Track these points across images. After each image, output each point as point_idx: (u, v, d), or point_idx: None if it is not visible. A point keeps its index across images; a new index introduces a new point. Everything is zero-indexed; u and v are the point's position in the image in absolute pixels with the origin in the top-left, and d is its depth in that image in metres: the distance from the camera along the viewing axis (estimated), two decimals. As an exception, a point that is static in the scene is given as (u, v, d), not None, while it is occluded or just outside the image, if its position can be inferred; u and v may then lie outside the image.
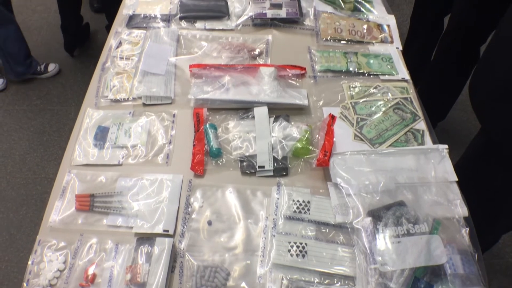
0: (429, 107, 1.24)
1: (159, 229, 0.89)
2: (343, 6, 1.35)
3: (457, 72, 1.92)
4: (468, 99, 1.24)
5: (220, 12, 1.31)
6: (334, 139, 1.01)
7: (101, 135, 1.06)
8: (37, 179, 2.18)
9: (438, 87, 2.01)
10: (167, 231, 0.90)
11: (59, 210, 0.95)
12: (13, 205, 2.07)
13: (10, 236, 1.97)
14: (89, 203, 0.94)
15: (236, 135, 1.03)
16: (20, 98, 2.55)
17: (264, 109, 1.05)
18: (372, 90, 1.15)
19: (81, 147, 1.05)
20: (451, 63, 1.91)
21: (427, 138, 1.07)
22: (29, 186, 2.15)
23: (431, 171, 0.99)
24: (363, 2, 1.38)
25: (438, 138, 1.08)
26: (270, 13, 1.28)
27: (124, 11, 1.35)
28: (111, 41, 1.27)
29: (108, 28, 2.65)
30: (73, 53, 2.73)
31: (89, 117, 1.10)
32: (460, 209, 0.93)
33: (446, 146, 1.03)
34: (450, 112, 2.18)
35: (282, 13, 1.28)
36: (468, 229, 0.90)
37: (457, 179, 0.98)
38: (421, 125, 1.09)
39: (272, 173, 0.98)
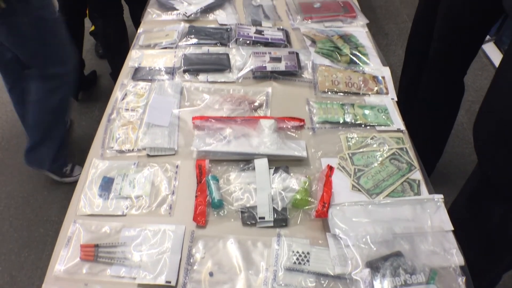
0: (423, 148, 1.27)
1: (161, 280, 0.91)
2: (339, 59, 1.41)
3: (444, 106, 1.93)
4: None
5: (222, 65, 1.37)
6: (332, 190, 1.04)
7: (106, 185, 1.10)
8: (40, 221, 2.19)
9: (430, 125, 2.03)
10: (169, 282, 0.91)
11: (64, 259, 0.96)
12: (15, 246, 2.08)
13: (11, 278, 1.97)
14: (93, 253, 0.96)
15: (237, 186, 1.06)
16: (25, 140, 2.59)
17: (264, 161, 1.09)
18: (369, 141, 1.19)
19: (87, 198, 1.08)
20: (436, 97, 1.92)
21: (423, 187, 1.10)
22: (31, 228, 2.16)
23: (427, 221, 1.02)
24: (359, 54, 1.44)
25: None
26: (270, 66, 1.34)
27: (130, 63, 1.41)
28: (117, 93, 1.33)
29: (112, 75, 2.73)
30: (78, 97, 2.80)
31: (95, 168, 1.14)
32: (456, 258, 0.95)
33: (441, 196, 1.06)
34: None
35: (282, 66, 1.34)
36: (464, 278, 0.92)
37: (452, 228, 1.00)
38: (417, 175, 1.12)
39: (272, 224, 1.00)
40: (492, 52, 3.22)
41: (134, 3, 2.84)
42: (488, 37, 3.32)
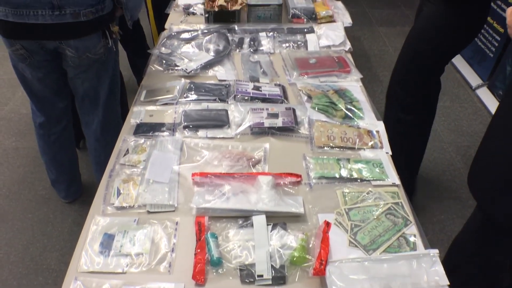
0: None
1: None
2: (335, 114, 1.46)
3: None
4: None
5: (221, 121, 1.41)
6: (330, 246, 1.06)
7: (107, 242, 1.11)
8: (39, 269, 2.18)
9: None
10: None
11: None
12: (14, 295, 2.07)
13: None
14: (93, 314, 0.97)
15: (236, 243, 1.08)
16: (26, 188, 2.62)
17: (262, 218, 1.11)
18: (365, 196, 1.22)
19: (87, 254, 1.09)
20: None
21: (419, 242, 1.12)
22: (30, 276, 2.15)
23: (424, 276, 1.03)
24: (353, 109, 1.49)
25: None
26: (267, 123, 1.38)
27: (132, 120, 1.46)
28: (119, 149, 1.36)
29: None
30: (79, 145, 2.84)
31: (96, 224, 1.16)
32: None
33: (436, 250, 1.08)
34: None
35: (279, 122, 1.39)
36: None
37: (448, 283, 1.02)
38: (413, 229, 1.14)
39: (270, 282, 1.02)
40: (486, 97, 3.30)
41: (131, 50, 2.95)
42: (481, 82, 3.41)
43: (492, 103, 3.23)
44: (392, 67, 2.18)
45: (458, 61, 3.83)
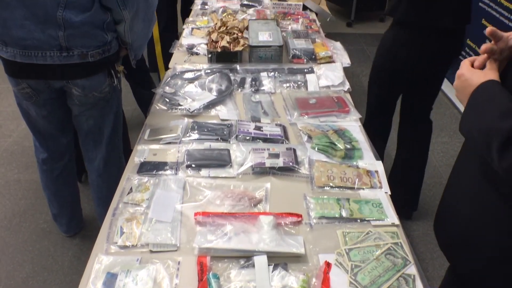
0: None
1: None
2: (334, 154, 1.49)
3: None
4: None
5: (223, 161, 1.44)
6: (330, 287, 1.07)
7: (109, 282, 1.12)
8: (39, 304, 2.18)
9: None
10: None
11: None
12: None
13: None
14: None
15: (237, 284, 1.09)
16: (27, 220, 2.63)
17: (264, 259, 1.13)
18: (365, 236, 1.24)
19: (90, 294, 1.10)
20: None
21: (418, 282, 1.13)
22: (30, 311, 2.14)
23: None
24: (353, 149, 1.52)
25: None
26: (268, 162, 1.41)
27: (136, 158, 1.49)
28: (123, 187, 1.39)
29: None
30: (81, 179, 2.87)
31: (99, 263, 1.17)
32: None
33: (435, 291, 1.09)
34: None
35: (280, 162, 1.42)
36: None
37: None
38: (412, 269, 1.16)
39: (272, 323, 1.03)
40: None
41: (133, 82, 3.02)
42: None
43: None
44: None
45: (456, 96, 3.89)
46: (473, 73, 1.01)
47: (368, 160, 1.50)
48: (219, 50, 2.04)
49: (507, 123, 0.86)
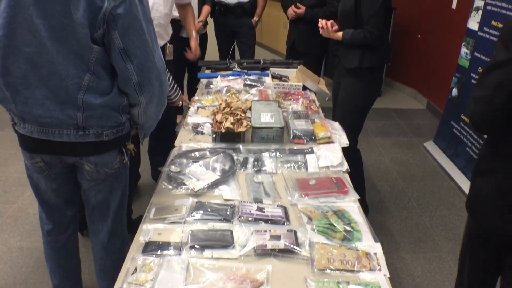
0: None
1: None
2: (334, 235, 1.54)
3: None
4: None
5: (226, 242, 1.49)
6: None
7: None
8: None
9: None
10: None
11: None
12: None
13: None
14: None
15: None
16: (27, 256, 2.60)
17: None
18: (364, 321, 1.25)
19: None
20: None
21: None
22: None
23: None
24: (352, 231, 1.57)
25: None
26: (270, 244, 1.46)
27: (141, 238, 1.53)
28: (127, 267, 1.42)
29: None
30: (83, 232, 2.88)
31: None
32: None
33: None
34: None
35: (281, 244, 1.46)
36: None
37: None
38: None
39: None
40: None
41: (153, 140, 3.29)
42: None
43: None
44: (388, 176, 2.36)
45: (452, 170, 3.98)
46: None
47: (367, 242, 1.54)
48: (223, 130, 2.14)
49: None
